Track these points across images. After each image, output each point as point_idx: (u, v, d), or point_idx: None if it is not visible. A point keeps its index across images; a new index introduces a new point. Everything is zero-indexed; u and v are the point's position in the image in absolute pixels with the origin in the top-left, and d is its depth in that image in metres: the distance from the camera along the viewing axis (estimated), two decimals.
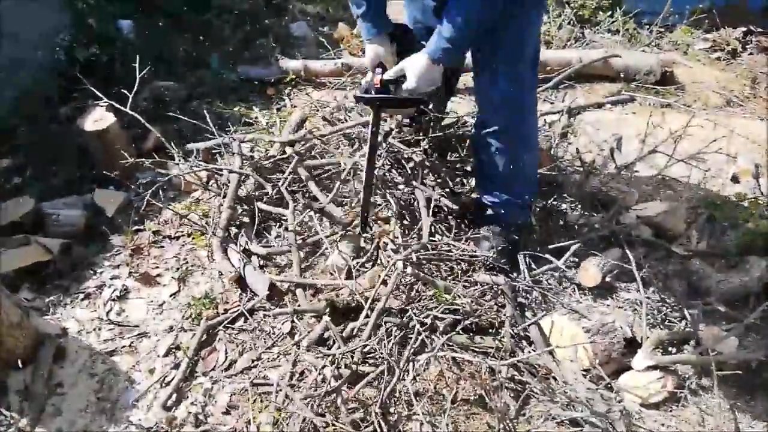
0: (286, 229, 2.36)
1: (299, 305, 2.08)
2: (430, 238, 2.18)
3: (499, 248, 2.19)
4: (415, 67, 1.90)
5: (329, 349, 1.93)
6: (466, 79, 2.92)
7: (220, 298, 2.18)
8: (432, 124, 2.50)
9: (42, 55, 3.13)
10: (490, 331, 2.05)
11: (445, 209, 2.37)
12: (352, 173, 2.40)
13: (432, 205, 2.28)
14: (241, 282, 2.19)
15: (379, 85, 1.96)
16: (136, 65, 2.41)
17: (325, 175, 2.55)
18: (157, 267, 2.33)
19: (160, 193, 2.48)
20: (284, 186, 2.47)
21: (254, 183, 2.53)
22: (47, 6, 3.18)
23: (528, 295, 2.16)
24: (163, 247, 2.41)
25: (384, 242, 2.20)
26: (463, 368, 1.94)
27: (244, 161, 2.57)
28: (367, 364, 1.90)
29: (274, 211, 2.44)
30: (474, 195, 2.43)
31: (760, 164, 2.90)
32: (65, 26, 3.26)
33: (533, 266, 2.22)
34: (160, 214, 2.50)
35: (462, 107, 3.07)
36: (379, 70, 2.01)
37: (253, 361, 1.99)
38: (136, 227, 2.45)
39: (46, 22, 3.18)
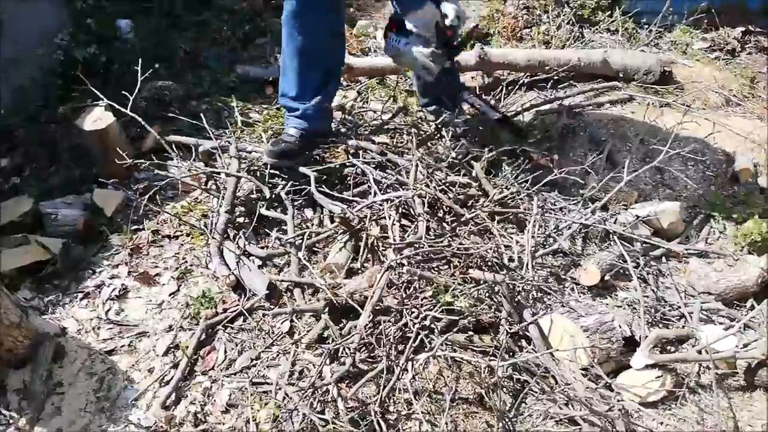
0: (285, 232, 2.37)
1: (298, 305, 2.08)
2: (427, 235, 2.19)
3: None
4: None
5: None
6: None
7: (219, 298, 2.18)
8: None
9: (41, 54, 3.13)
10: (490, 330, 2.05)
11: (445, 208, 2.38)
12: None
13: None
14: (238, 287, 2.19)
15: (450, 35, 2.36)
16: (138, 67, 2.41)
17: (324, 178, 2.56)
18: (156, 266, 2.32)
19: (158, 195, 2.47)
20: (283, 191, 2.49)
21: (253, 184, 2.53)
22: (46, 5, 3.17)
23: (527, 294, 2.16)
24: (162, 246, 2.41)
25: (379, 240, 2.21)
26: (463, 367, 1.95)
27: (242, 163, 2.57)
28: (366, 363, 1.90)
29: (272, 216, 2.45)
30: None
31: (759, 163, 2.90)
32: (64, 25, 3.26)
33: None
34: (159, 214, 2.50)
35: None
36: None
37: (252, 360, 1.99)
38: (135, 227, 2.45)
39: (44, 21, 3.18)
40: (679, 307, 2.21)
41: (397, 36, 2.42)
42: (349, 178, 2.53)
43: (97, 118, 2.63)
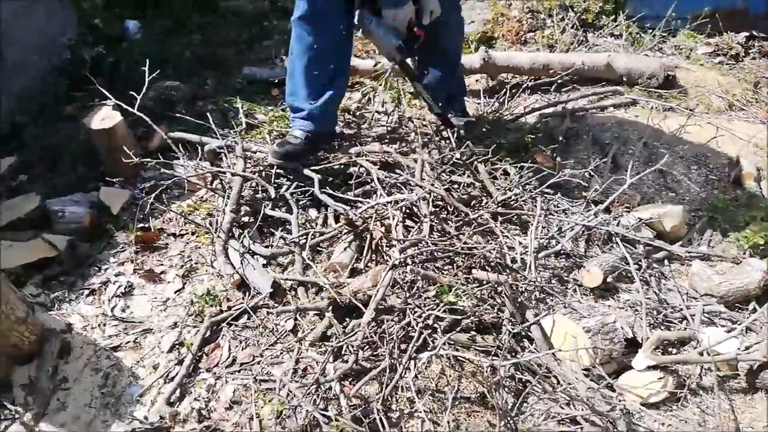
0: (290, 232, 2.38)
1: (302, 303, 2.10)
2: (431, 235, 2.20)
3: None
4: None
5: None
6: None
7: (224, 296, 2.20)
8: None
9: (49, 54, 3.16)
10: (492, 330, 2.06)
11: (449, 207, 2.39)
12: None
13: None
14: (242, 286, 2.21)
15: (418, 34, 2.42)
16: (146, 67, 2.44)
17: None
18: (162, 264, 2.34)
19: (164, 193, 2.49)
20: (288, 191, 2.51)
21: (258, 184, 2.55)
22: (54, 5, 3.21)
23: (529, 295, 2.17)
24: (167, 244, 2.43)
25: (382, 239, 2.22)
26: (465, 366, 1.96)
27: (248, 162, 2.59)
28: (369, 361, 1.91)
29: (277, 215, 2.46)
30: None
31: (762, 167, 2.91)
32: (72, 26, 3.29)
33: None
34: (165, 212, 2.52)
35: None
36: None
37: (256, 357, 2.01)
38: (141, 224, 2.47)
39: (52, 20, 3.21)
40: (681, 310, 2.22)
41: (369, 15, 2.44)
42: (353, 177, 2.54)
43: (105, 117, 2.66)
